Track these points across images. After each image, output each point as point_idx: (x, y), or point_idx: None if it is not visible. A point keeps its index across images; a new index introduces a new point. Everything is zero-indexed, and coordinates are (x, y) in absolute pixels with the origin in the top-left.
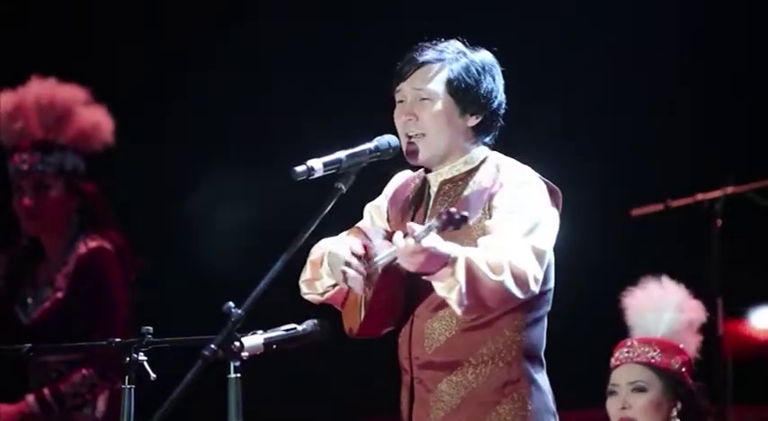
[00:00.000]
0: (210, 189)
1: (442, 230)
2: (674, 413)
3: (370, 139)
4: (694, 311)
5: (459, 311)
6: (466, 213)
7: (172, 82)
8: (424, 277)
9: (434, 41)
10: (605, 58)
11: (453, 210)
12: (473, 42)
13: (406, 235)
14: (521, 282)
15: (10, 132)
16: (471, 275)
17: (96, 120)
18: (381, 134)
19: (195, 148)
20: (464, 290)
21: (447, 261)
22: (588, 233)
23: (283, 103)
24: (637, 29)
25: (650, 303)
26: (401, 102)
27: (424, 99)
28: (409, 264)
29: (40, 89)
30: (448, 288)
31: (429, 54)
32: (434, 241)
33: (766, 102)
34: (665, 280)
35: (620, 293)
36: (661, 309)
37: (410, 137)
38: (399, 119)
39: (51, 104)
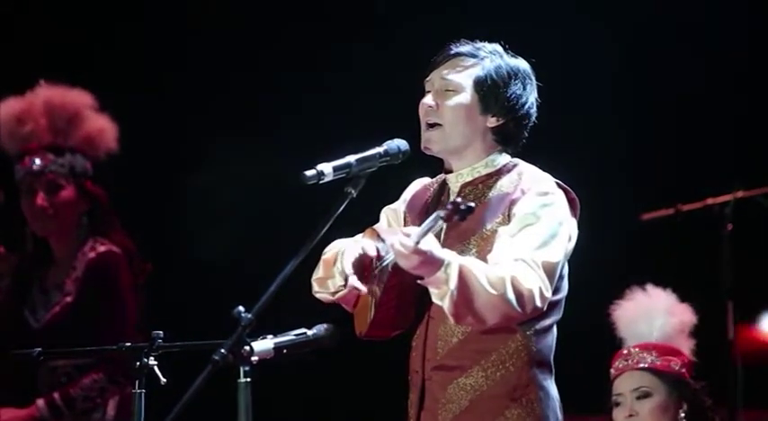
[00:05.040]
0: (215, 190)
1: (447, 221)
2: (682, 415)
3: (379, 143)
4: (684, 314)
5: (451, 320)
6: (472, 204)
7: (170, 84)
8: (419, 282)
9: (475, 40)
10: (613, 60)
11: (459, 199)
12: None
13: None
14: (523, 299)
15: (18, 137)
16: (464, 284)
17: (101, 125)
18: (391, 136)
19: (195, 147)
20: (455, 297)
21: (441, 266)
22: (598, 237)
23: (286, 106)
24: (646, 32)
25: (640, 311)
26: (428, 91)
27: (448, 90)
28: (403, 265)
29: (50, 93)
30: (441, 295)
31: (465, 47)
32: (431, 245)
33: None
34: (650, 288)
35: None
36: (651, 315)
37: (429, 125)
38: (422, 107)
39: (61, 108)
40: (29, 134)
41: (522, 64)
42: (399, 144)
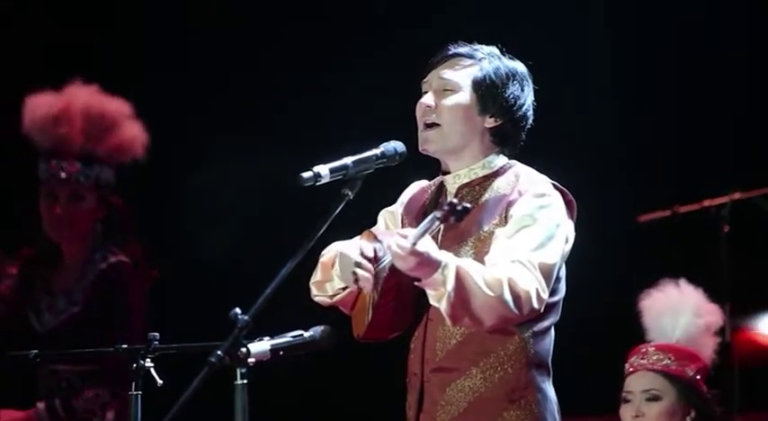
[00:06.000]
0: (215, 190)
1: (443, 221)
2: None
3: (376, 145)
4: (711, 315)
5: (448, 321)
6: (468, 205)
7: (170, 84)
8: (416, 283)
9: (473, 41)
10: (611, 62)
11: (455, 201)
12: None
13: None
14: (520, 301)
15: (51, 136)
16: (461, 285)
17: (134, 134)
18: (391, 137)
19: (195, 147)
20: (452, 299)
21: (438, 268)
22: (595, 239)
23: (286, 106)
24: (646, 32)
25: (667, 306)
26: (426, 92)
27: (446, 90)
28: (400, 267)
29: (90, 98)
30: (438, 297)
31: (463, 49)
32: (428, 246)
33: None
34: (683, 283)
35: (626, 299)
36: (678, 312)
37: (426, 125)
38: (419, 107)
39: (101, 116)
40: (63, 135)
41: (519, 66)
42: (396, 146)
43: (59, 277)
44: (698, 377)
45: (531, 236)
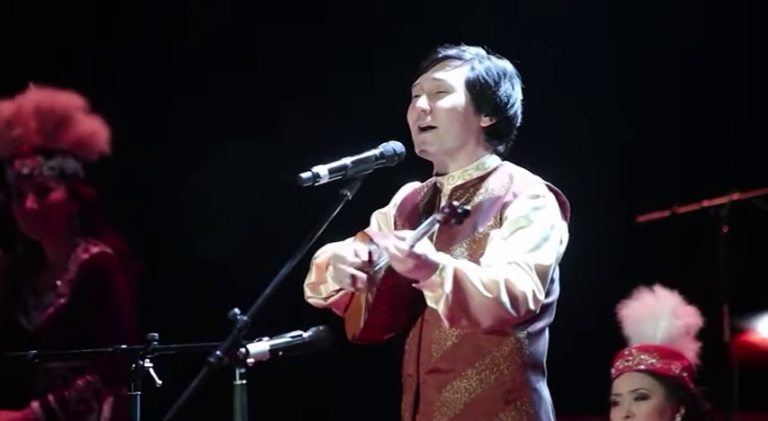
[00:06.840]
0: (215, 190)
1: (444, 224)
2: (678, 419)
3: (375, 146)
4: (690, 317)
5: (445, 323)
6: (468, 207)
7: (170, 83)
8: (413, 285)
9: (460, 44)
10: (611, 62)
11: (456, 203)
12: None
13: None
14: (517, 302)
15: (8, 140)
16: (459, 287)
17: (93, 128)
18: (390, 138)
19: (195, 147)
20: (450, 300)
21: (436, 270)
22: (594, 239)
23: (286, 106)
24: (643, 34)
25: (645, 312)
26: (417, 96)
27: (440, 92)
28: (398, 269)
29: (40, 96)
30: (436, 298)
31: (452, 50)
32: (426, 248)
33: None
34: (658, 288)
35: (624, 299)
36: (656, 317)
37: (421, 128)
38: (413, 111)
39: (51, 111)
40: (19, 137)
41: (507, 65)
42: (395, 146)
43: (44, 276)
44: (684, 374)
45: (526, 237)
